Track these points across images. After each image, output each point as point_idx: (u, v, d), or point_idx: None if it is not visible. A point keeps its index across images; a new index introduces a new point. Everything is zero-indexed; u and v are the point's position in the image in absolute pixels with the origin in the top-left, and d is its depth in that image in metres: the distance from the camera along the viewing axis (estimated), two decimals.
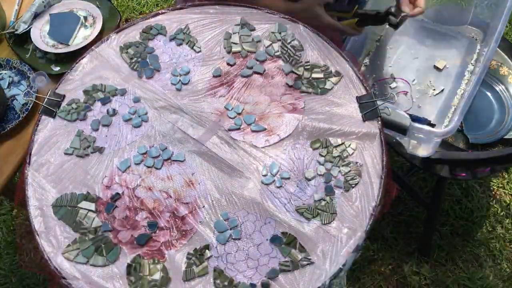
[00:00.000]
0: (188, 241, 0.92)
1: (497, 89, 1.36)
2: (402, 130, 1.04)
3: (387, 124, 1.04)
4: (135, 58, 1.13)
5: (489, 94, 1.36)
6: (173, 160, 1.01)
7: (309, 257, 0.89)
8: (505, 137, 1.29)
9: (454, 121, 1.14)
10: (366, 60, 1.36)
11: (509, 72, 1.38)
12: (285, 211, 0.93)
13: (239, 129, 1.03)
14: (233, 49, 1.12)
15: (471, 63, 1.35)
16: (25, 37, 1.31)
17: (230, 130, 1.03)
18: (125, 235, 0.94)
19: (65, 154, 1.03)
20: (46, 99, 1.09)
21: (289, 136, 1.01)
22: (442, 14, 1.43)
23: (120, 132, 1.05)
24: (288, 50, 1.11)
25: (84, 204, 0.97)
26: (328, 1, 1.16)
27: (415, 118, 1.22)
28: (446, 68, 1.35)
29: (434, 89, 1.33)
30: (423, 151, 1.21)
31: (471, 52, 1.37)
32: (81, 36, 1.29)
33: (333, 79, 1.06)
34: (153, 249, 0.92)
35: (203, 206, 0.95)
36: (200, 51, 1.13)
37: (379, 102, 1.00)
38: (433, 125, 1.23)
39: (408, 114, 1.07)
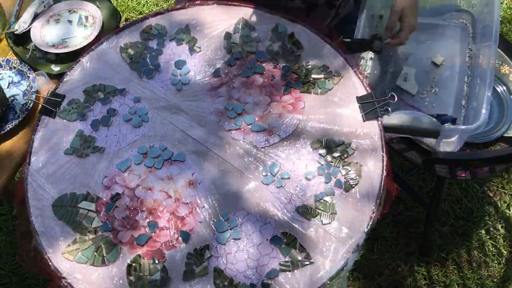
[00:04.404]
0: (188, 241, 0.92)
1: (497, 88, 1.35)
2: (435, 134, 1.04)
3: (419, 132, 1.04)
4: (135, 58, 1.13)
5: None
6: (173, 160, 1.00)
7: (309, 257, 0.89)
8: (505, 135, 1.29)
9: (483, 112, 1.12)
10: (368, 70, 1.35)
11: (510, 71, 1.38)
12: (285, 211, 0.93)
13: (239, 129, 1.03)
14: (233, 49, 1.12)
15: (469, 48, 1.35)
16: (25, 37, 1.31)
17: (230, 130, 1.03)
18: (125, 235, 0.93)
19: (65, 154, 1.03)
20: (46, 99, 1.09)
21: (289, 136, 1.01)
22: (433, 9, 1.43)
23: (120, 132, 1.05)
24: (288, 50, 1.11)
25: (84, 204, 0.97)
26: None
27: (439, 117, 1.21)
28: (444, 61, 1.34)
29: (437, 86, 1.32)
30: (450, 147, 1.21)
31: (466, 37, 1.37)
32: (81, 36, 1.29)
33: (333, 79, 1.06)
34: (153, 249, 0.92)
35: (203, 206, 0.95)
36: (200, 51, 1.13)
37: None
38: (455, 119, 1.23)
39: (431, 115, 1.06)
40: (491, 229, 1.66)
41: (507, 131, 1.29)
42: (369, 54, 1.37)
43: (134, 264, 0.91)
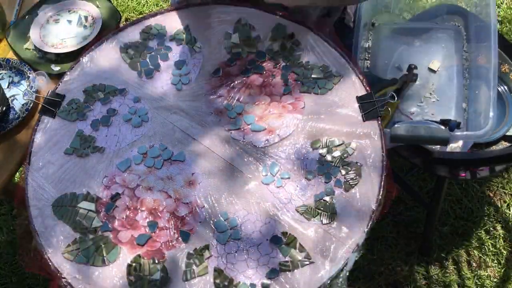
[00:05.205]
0: (188, 241, 0.92)
1: (498, 87, 1.35)
2: (444, 142, 1.04)
3: (428, 141, 1.03)
4: (135, 58, 1.13)
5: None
6: (173, 160, 1.00)
7: (309, 257, 0.89)
8: (507, 133, 1.29)
9: (490, 118, 1.12)
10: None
11: (510, 70, 1.38)
12: (285, 211, 0.93)
13: (239, 129, 1.03)
14: (233, 49, 1.12)
15: (464, 50, 1.35)
16: (25, 37, 1.31)
17: (230, 130, 1.03)
18: (125, 235, 0.93)
19: (65, 154, 1.03)
20: (45, 99, 1.09)
21: (289, 136, 1.01)
22: (426, 13, 1.42)
23: (120, 132, 1.05)
24: (288, 50, 1.11)
25: (84, 204, 0.97)
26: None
27: (444, 123, 1.21)
28: (441, 67, 1.33)
29: (436, 92, 1.31)
30: (456, 148, 1.21)
31: (460, 39, 1.36)
32: (81, 36, 1.29)
33: (333, 79, 1.06)
34: (153, 249, 0.92)
35: (203, 206, 0.95)
36: (200, 50, 1.13)
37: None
38: (459, 124, 1.22)
39: (434, 121, 1.06)
40: (491, 229, 1.65)
41: (509, 130, 1.29)
42: (366, 63, 1.36)
43: (134, 264, 0.91)
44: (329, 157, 0.98)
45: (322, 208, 0.93)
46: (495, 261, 1.60)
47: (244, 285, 0.87)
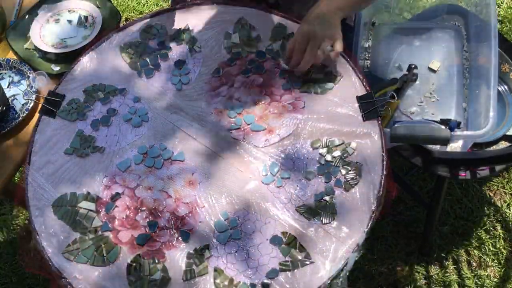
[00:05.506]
0: (188, 241, 0.92)
1: (498, 87, 1.35)
2: (444, 142, 1.04)
3: (428, 140, 1.03)
4: (135, 58, 1.13)
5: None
6: (173, 160, 1.00)
7: (309, 257, 0.89)
8: (507, 133, 1.29)
9: (490, 117, 1.12)
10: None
11: (510, 69, 1.37)
12: (285, 211, 0.93)
13: (239, 128, 1.02)
14: (233, 49, 1.12)
15: (464, 49, 1.34)
16: (25, 36, 1.31)
17: (230, 130, 1.03)
18: (125, 235, 0.93)
19: (65, 154, 1.03)
20: (45, 99, 1.09)
21: (289, 136, 1.01)
22: (426, 12, 1.42)
23: (120, 132, 1.05)
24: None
25: (84, 204, 0.97)
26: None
27: (444, 123, 1.21)
28: (441, 67, 1.33)
29: (436, 92, 1.31)
30: (456, 148, 1.21)
31: (460, 39, 1.36)
32: (81, 36, 1.29)
33: (333, 79, 1.06)
34: (153, 249, 0.92)
35: (203, 206, 0.95)
36: (200, 50, 1.13)
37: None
38: (459, 123, 1.22)
39: (434, 121, 1.06)
40: (491, 229, 1.65)
41: (509, 130, 1.29)
42: (366, 63, 1.36)
43: (134, 264, 0.90)
44: (329, 157, 0.98)
45: (322, 208, 0.93)
46: (495, 261, 1.60)
47: (244, 285, 0.87)
